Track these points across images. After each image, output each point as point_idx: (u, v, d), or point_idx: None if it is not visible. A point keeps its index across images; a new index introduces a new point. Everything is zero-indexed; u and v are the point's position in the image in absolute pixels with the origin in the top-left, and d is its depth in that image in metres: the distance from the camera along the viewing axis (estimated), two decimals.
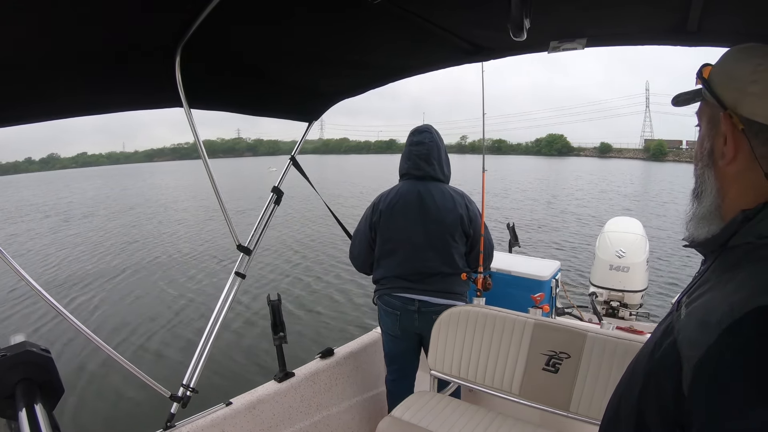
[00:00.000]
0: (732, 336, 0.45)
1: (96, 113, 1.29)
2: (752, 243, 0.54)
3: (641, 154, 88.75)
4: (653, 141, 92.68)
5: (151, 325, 5.94)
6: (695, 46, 1.19)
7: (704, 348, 0.47)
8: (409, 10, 1.10)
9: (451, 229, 1.84)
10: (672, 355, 0.52)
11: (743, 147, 0.55)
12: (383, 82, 1.71)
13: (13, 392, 0.62)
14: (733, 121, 0.56)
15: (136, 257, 10.12)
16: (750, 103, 0.55)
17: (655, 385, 0.54)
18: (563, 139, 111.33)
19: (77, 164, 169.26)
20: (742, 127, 0.55)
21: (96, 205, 23.60)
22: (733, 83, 0.57)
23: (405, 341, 1.93)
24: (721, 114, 0.57)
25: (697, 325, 0.51)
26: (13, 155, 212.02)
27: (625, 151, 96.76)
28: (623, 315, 3.48)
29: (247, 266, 1.68)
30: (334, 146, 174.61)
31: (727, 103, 0.57)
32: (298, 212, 14.64)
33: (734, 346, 0.45)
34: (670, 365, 0.51)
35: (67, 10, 0.84)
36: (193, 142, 1.44)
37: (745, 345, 0.44)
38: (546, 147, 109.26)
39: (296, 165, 1.94)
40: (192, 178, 39.66)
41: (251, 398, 1.67)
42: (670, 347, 0.53)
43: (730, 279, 0.52)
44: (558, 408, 1.48)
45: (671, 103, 0.70)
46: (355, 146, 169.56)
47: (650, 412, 0.53)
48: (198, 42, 1.13)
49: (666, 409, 0.51)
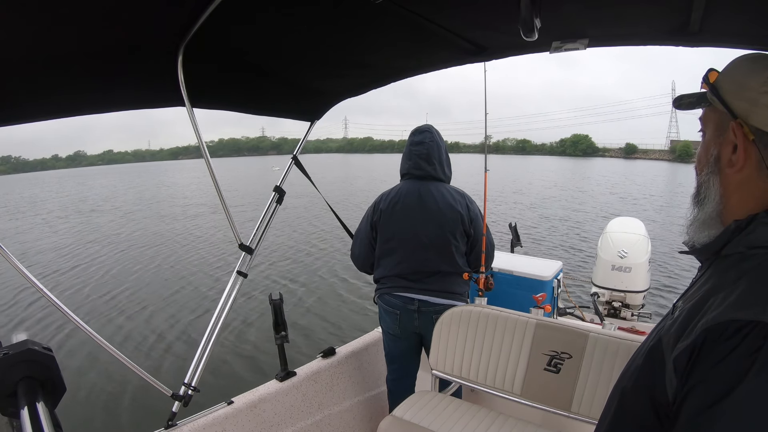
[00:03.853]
0: (704, 342, 0.49)
1: (98, 112, 1.30)
2: (743, 253, 0.56)
3: (667, 155, 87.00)
4: (679, 142, 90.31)
5: (153, 323, 5.96)
6: (697, 47, 1.19)
7: (680, 350, 0.51)
8: (411, 10, 1.10)
9: (451, 228, 1.83)
10: (659, 354, 0.56)
11: (752, 156, 0.57)
12: (385, 82, 1.71)
13: (15, 390, 0.62)
14: (744, 130, 0.57)
15: (139, 254, 10.14)
16: (762, 115, 0.56)
17: (645, 382, 0.57)
18: (588, 139, 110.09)
19: (103, 161, 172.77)
20: (752, 138, 0.56)
21: (106, 202, 23.76)
22: (745, 93, 0.57)
23: (405, 341, 1.93)
24: (732, 123, 0.58)
25: (681, 329, 0.54)
26: (41, 152, 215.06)
27: (650, 152, 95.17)
28: (625, 315, 3.47)
29: (249, 265, 1.69)
30: (358, 145, 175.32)
31: (737, 112, 0.58)
32: (299, 211, 14.68)
33: (704, 351, 0.48)
34: (657, 363, 0.55)
35: (70, 10, 0.84)
36: (217, 141, 1.45)
37: (711, 352, 0.48)
38: (571, 147, 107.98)
39: (298, 164, 1.94)
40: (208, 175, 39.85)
41: (253, 397, 1.68)
42: (657, 347, 0.57)
43: (718, 287, 0.54)
44: (559, 408, 1.48)
45: (673, 105, 0.70)
46: (379, 145, 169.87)
47: (643, 404, 0.56)
48: (200, 41, 1.13)
49: (657, 403, 0.54)
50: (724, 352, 0.46)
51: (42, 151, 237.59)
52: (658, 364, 0.55)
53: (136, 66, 1.18)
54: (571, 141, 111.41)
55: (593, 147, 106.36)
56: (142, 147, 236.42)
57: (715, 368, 0.47)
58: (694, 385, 0.48)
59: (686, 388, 0.49)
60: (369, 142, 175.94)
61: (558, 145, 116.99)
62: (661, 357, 0.55)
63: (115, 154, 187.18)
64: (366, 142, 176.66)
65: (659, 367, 0.54)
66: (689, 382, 0.49)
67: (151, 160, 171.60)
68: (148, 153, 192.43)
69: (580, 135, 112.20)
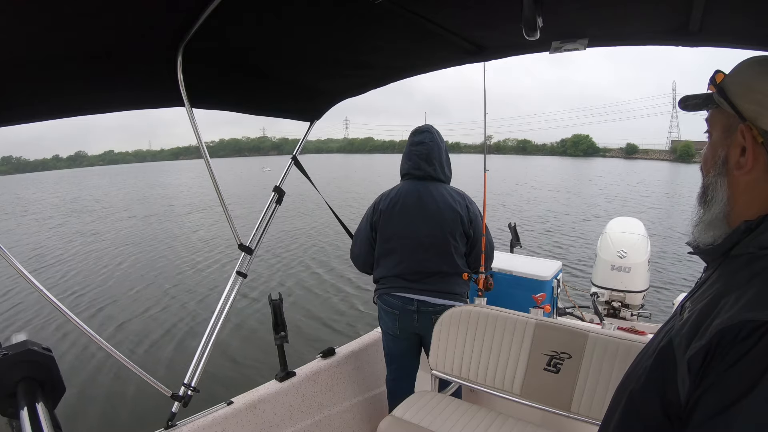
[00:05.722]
0: (719, 343, 0.48)
1: (98, 112, 1.30)
2: (753, 253, 0.56)
3: (668, 156, 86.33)
4: (680, 142, 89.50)
5: (153, 324, 5.95)
6: (697, 47, 1.19)
7: (694, 350, 0.50)
8: (410, 10, 1.10)
9: (450, 228, 1.83)
10: (670, 355, 0.55)
11: (761, 158, 0.57)
12: (385, 82, 1.71)
13: (14, 391, 0.62)
14: (753, 133, 0.57)
15: (137, 255, 10.14)
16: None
17: (655, 383, 0.57)
18: (589, 139, 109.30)
19: (104, 162, 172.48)
20: (761, 140, 0.56)
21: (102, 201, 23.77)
22: (754, 96, 0.58)
23: (405, 341, 1.93)
24: (741, 126, 0.58)
25: (693, 329, 0.53)
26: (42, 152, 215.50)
27: (651, 152, 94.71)
28: (625, 315, 3.47)
29: (248, 265, 1.69)
30: (359, 145, 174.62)
31: (746, 115, 0.58)
32: (297, 209, 14.69)
33: (718, 352, 0.48)
34: (667, 365, 0.55)
35: (69, 10, 0.84)
36: (218, 141, 1.45)
37: (727, 352, 0.47)
38: (571, 148, 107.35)
39: (298, 164, 1.94)
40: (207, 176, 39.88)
41: (252, 398, 1.67)
42: (668, 348, 0.56)
43: (730, 288, 0.54)
44: (559, 408, 1.48)
45: (678, 106, 0.70)
46: (380, 145, 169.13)
47: (653, 406, 0.56)
48: (200, 42, 1.13)
49: (667, 405, 0.53)
50: (740, 353, 0.46)
51: (43, 152, 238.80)
52: (669, 365, 0.54)
53: (136, 66, 1.18)
54: (572, 141, 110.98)
55: (594, 147, 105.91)
56: (143, 147, 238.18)
57: (732, 369, 0.46)
58: (709, 386, 0.48)
59: (701, 389, 0.48)
60: (370, 142, 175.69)
61: (559, 145, 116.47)
62: (673, 358, 0.54)
63: (116, 154, 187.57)
64: (367, 142, 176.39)
65: (671, 368, 0.54)
66: (704, 383, 0.48)
67: (152, 160, 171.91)
68: (149, 153, 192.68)
69: (581, 135, 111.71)
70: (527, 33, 0.87)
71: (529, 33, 0.87)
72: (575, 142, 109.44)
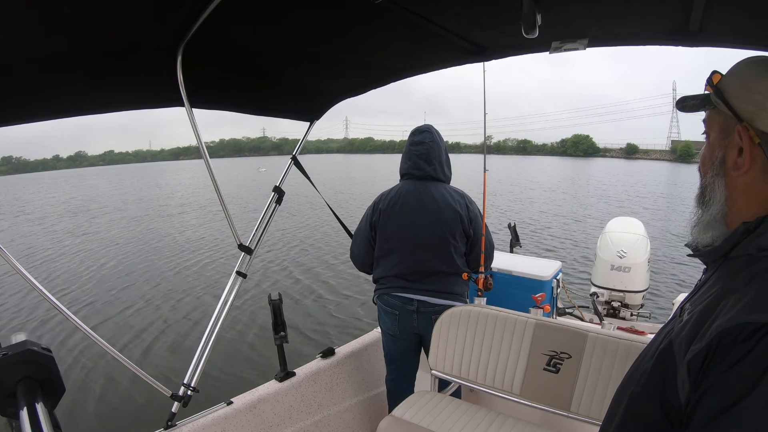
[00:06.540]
0: (718, 345, 0.48)
1: (98, 112, 1.30)
2: (752, 255, 0.56)
3: (668, 156, 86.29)
4: (680, 142, 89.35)
5: (152, 324, 5.95)
6: (697, 47, 1.19)
7: (694, 353, 0.50)
8: (410, 10, 1.10)
9: (450, 228, 1.83)
10: (670, 358, 0.55)
11: (758, 159, 0.57)
12: (384, 82, 1.71)
13: (14, 391, 0.62)
14: (750, 134, 0.57)
15: (137, 254, 10.14)
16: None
17: (655, 385, 0.57)
18: (589, 139, 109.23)
19: (104, 162, 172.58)
20: (758, 141, 0.56)
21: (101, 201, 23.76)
22: (752, 96, 0.58)
23: (404, 341, 1.93)
24: (738, 126, 0.58)
25: (693, 332, 0.53)
26: (42, 152, 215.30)
27: (651, 152, 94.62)
28: (624, 315, 3.48)
29: (248, 265, 1.69)
30: (359, 145, 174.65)
31: (743, 115, 0.58)
32: (300, 210, 14.69)
33: (718, 353, 0.48)
34: (667, 367, 0.55)
35: (69, 10, 0.84)
36: (218, 141, 1.45)
37: (727, 354, 0.47)
38: (571, 148, 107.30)
39: (297, 164, 1.94)
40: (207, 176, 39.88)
41: (252, 398, 1.67)
42: (668, 350, 0.56)
43: (729, 290, 0.54)
44: (559, 408, 1.48)
45: (676, 107, 0.70)
46: (380, 146, 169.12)
47: (653, 408, 0.56)
48: (199, 41, 1.13)
49: (668, 407, 0.54)
50: (739, 355, 0.46)
51: (43, 152, 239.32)
52: (669, 367, 0.55)
53: (136, 66, 1.18)
54: (572, 141, 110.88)
55: (594, 147, 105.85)
56: (143, 147, 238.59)
57: (731, 371, 0.46)
58: (708, 388, 0.48)
59: (700, 391, 0.48)
60: (370, 142, 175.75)
61: (559, 145, 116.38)
62: (673, 360, 0.54)
63: (116, 154, 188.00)
64: (367, 142, 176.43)
65: (670, 370, 0.54)
66: (704, 385, 0.48)
67: (152, 160, 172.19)
68: (149, 153, 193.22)
69: (581, 135, 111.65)
70: (526, 31, 0.87)
71: (529, 31, 0.87)
72: (575, 142, 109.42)
